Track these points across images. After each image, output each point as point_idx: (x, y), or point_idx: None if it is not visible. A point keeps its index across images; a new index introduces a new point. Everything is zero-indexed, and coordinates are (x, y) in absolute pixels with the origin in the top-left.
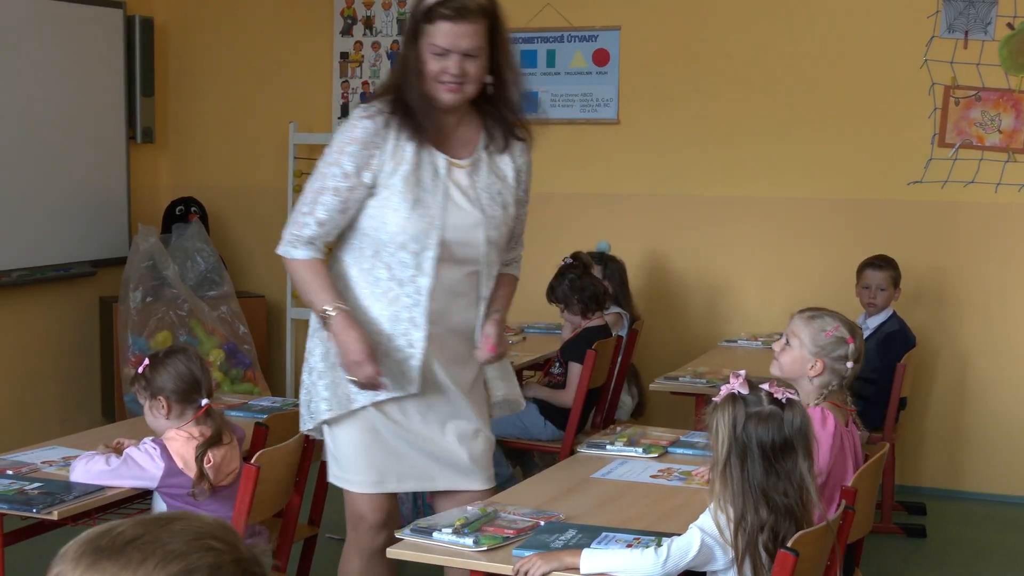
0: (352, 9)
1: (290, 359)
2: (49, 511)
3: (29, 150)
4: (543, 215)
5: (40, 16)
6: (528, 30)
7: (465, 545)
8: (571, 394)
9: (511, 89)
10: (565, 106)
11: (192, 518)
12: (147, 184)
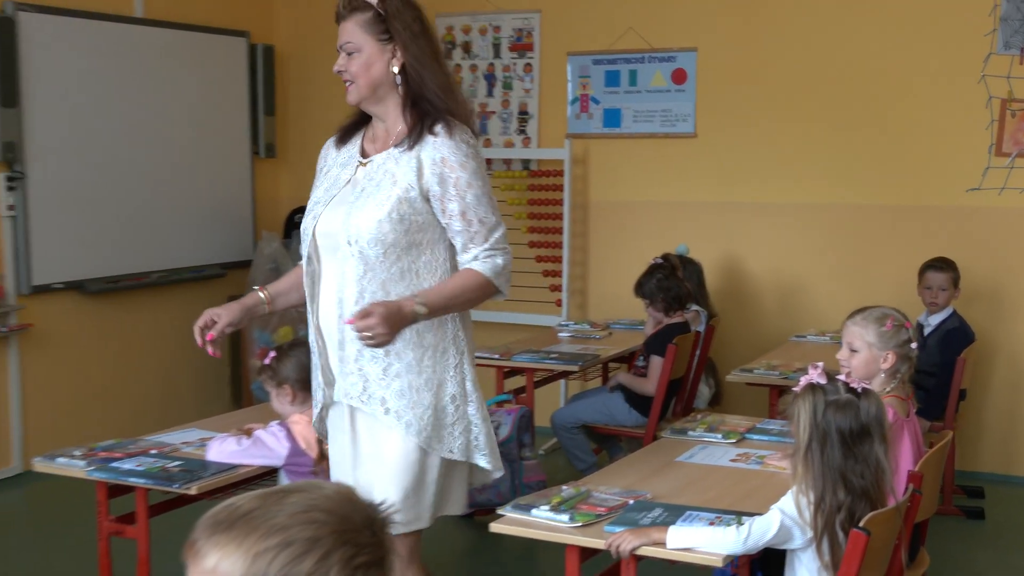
0: (452, 35)
1: None
2: (188, 486)
3: (166, 165)
4: (626, 221)
5: (175, 45)
6: (612, 52)
7: (561, 521)
8: (653, 384)
9: (421, 83)
10: (646, 121)
11: (311, 489)
12: (269, 195)
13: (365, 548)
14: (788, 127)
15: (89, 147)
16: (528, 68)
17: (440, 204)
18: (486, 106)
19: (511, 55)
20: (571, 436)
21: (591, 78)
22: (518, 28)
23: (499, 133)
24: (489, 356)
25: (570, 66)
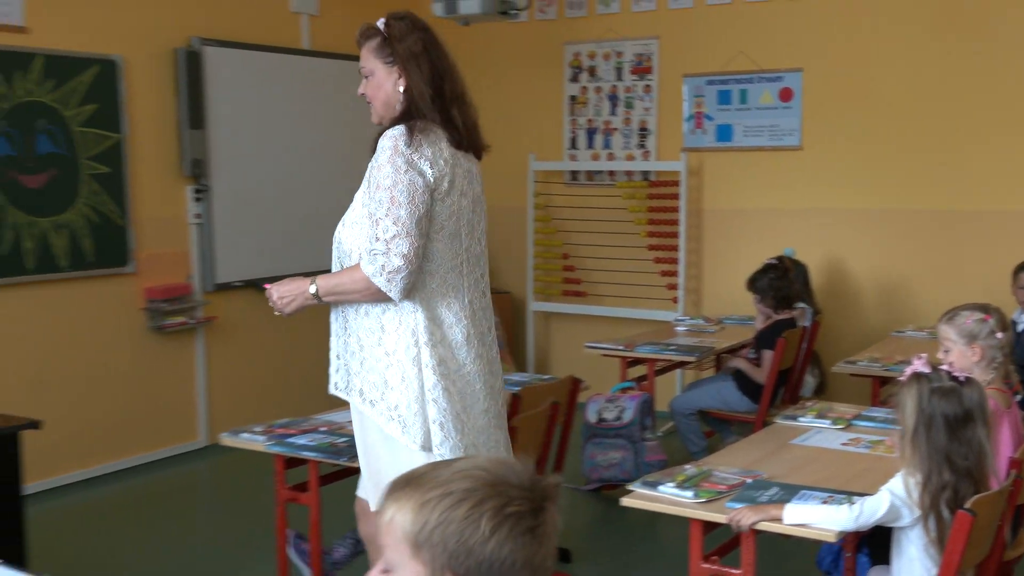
0: (579, 60)
1: (531, 343)
2: (353, 459)
3: (327, 177)
4: (737, 226)
5: (335, 73)
6: (724, 73)
7: (686, 497)
8: (764, 375)
9: (419, 100)
10: (755, 136)
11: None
12: None
13: (516, 500)
14: (887, 138)
15: (263, 162)
16: (647, 89)
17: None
18: (609, 123)
19: (632, 77)
20: (687, 421)
21: (705, 97)
22: (638, 53)
23: (621, 147)
24: (614, 347)
25: (686, 86)
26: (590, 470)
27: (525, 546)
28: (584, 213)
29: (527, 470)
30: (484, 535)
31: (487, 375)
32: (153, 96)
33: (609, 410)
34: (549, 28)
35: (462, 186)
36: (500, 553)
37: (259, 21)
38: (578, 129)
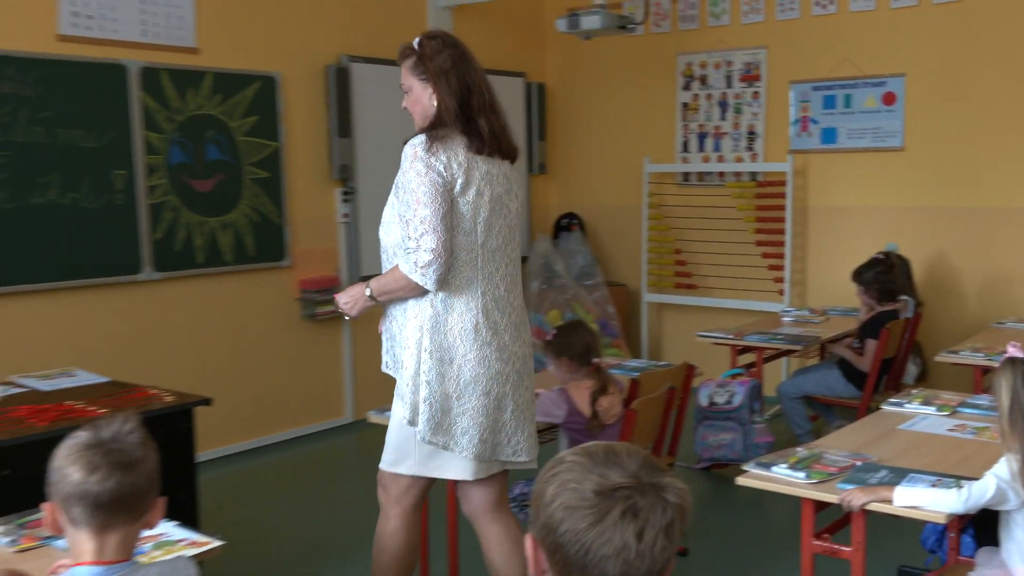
0: (691, 70)
1: (645, 331)
2: None
3: None
4: (841, 223)
5: None
6: (829, 79)
7: (798, 478)
8: (868, 363)
9: (444, 113)
10: (859, 138)
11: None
12: (542, 203)
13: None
14: (987, 139)
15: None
16: (756, 95)
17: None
18: (719, 128)
19: (741, 85)
20: (794, 405)
21: (810, 102)
22: (747, 62)
23: (730, 150)
24: (724, 336)
25: (792, 92)
26: (701, 450)
27: (577, 520)
28: (695, 211)
29: (641, 466)
30: (548, 500)
31: (497, 362)
32: (306, 108)
33: (720, 394)
34: (663, 40)
35: (478, 187)
36: (555, 520)
37: (400, 39)
38: (690, 133)
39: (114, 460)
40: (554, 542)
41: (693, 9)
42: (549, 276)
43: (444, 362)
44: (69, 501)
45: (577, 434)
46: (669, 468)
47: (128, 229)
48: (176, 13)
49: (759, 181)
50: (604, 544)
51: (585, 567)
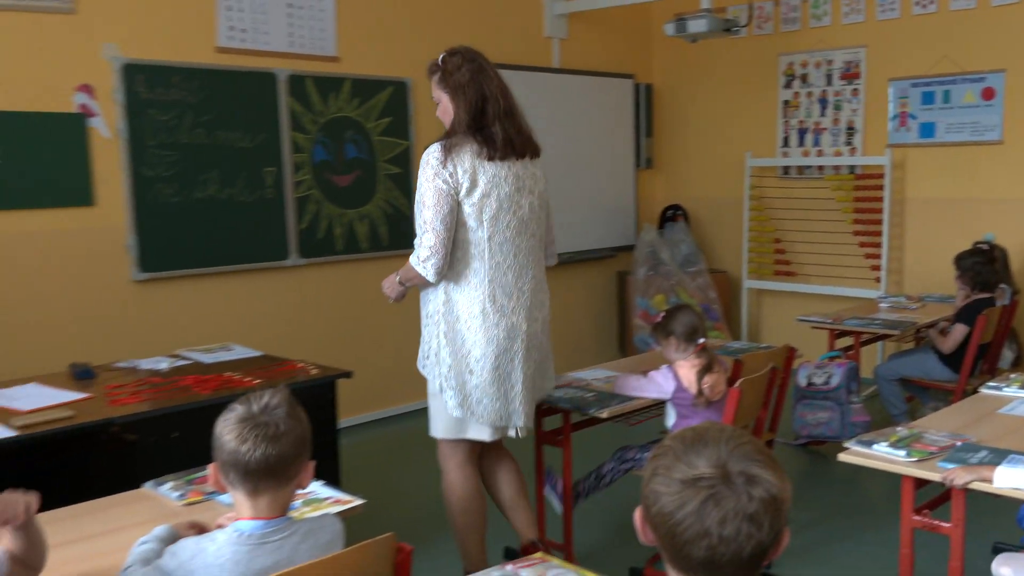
0: (792, 69)
1: (744, 315)
2: (600, 411)
3: (575, 173)
4: (937, 214)
5: (582, 86)
6: (928, 76)
7: (899, 456)
8: (950, 345)
9: (456, 124)
10: (957, 132)
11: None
12: (648, 196)
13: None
14: None
15: None
16: (855, 92)
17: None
18: (819, 124)
19: (841, 82)
20: (890, 386)
21: (909, 98)
22: (847, 61)
23: (829, 145)
24: (823, 321)
25: (891, 89)
26: (800, 427)
27: (667, 504)
28: (794, 203)
29: (728, 453)
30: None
31: (506, 340)
32: (433, 110)
33: (818, 375)
34: (766, 41)
35: (484, 189)
36: (650, 502)
37: (519, 45)
38: (790, 129)
39: (262, 433)
40: (651, 520)
41: (795, 12)
42: (655, 263)
43: (457, 343)
44: (226, 467)
45: (684, 409)
46: (769, 444)
47: (277, 220)
48: (319, 26)
49: (857, 174)
50: (687, 529)
51: (675, 547)
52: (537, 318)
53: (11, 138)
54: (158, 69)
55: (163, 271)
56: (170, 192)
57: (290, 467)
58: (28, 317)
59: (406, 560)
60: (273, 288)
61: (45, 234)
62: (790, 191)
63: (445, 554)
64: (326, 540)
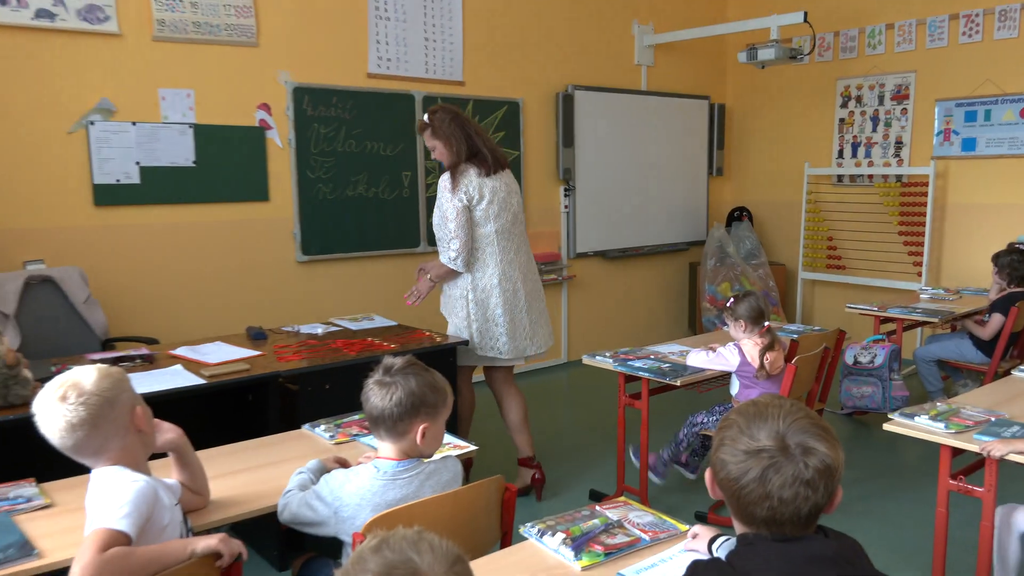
0: (848, 91)
1: (799, 302)
2: (675, 379)
3: (655, 179)
4: (976, 217)
5: (664, 106)
6: (971, 97)
7: (938, 428)
8: (989, 332)
9: (448, 158)
10: (996, 146)
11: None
12: (718, 199)
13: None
14: None
15: (611, 169)
16: (904, 111)
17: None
18: (871, 138)
19: (892, 103)
20: (928, 366)
21: (953, 117)
22: (898, 84)
23: (879, 157)
24: (869, 308)
25: (937, 108)
26: (845, 399)
27: (735, 470)
28: (846, 207)
29: (787, 426)
30: (717, 452)
31: (513, 297)
32: (540, 125)
33: (863, 355)
34: (826, 67)
35: (489, 197)
36: (719, 470)
37: (613, 71)
38: (845, 143)
39: (399, 393)
40: (719, 483)
41: (852, 41)
42: (722, 256)
43: (482, 306)
44: (370, 419)
45: (747, 380)
46: (819, 413)
47: (411, 214)
48: (449, 57)
49: (904, 182)
50: (750, 493)
51: (740, 506)
52: (532, 281)
53: (209, 146)
54: (320, 91)
55: (320, 254)
56: (327, 191)
57: (420, 419)
58: (216, 288)
59: (512, 498)
60: (407, 269)
61: (232, 223)
62: (843, 196)
63: (542, 490)
64: (447, 479)
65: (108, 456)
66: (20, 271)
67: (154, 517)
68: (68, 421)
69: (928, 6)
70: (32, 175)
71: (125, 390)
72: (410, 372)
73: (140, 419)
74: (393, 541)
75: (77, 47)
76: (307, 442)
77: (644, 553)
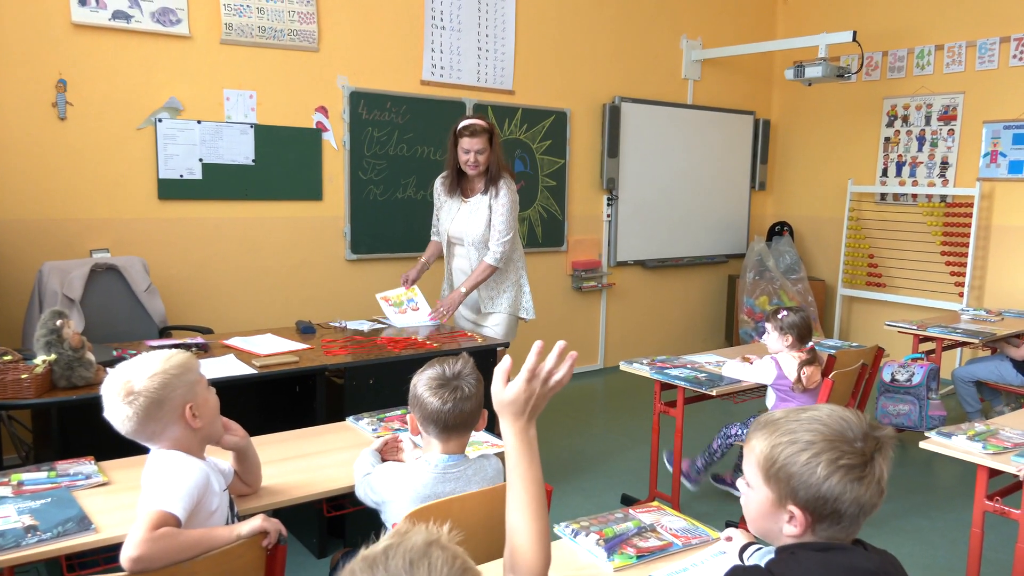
0: (895, 110)
1: (838, 317)
2: (711, 389)
3: (699, 192)
4: (1022, 240)
5: (710, 120)
6: (1020, 120)
7: (975, 449)
8: (1022, 353)
9: (496, 167)
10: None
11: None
12: (759, 213)
13: (847, 453)
14: None
15: (654, 180)
16: (951, 132)
17: (495, 222)
18: (916, 158)
19: (939, 123)
20: (966, 387)
21: (1000, 139)
22: (946, 104)
23: (924, 176)
24: (908, 327)
25: (985, 130)
26: (881, 416)
27: (853, 489)
28: (888, 225)
29: (862, 424)
30: (819, 478)
31: (528, 284)
32: (586, 135)
33: (901, 373)
34: (873, 86)
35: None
36: (832, 492)
37: (660, 85)
38: (889, 162)
39: (458, 395)
40: (830, 507)
41: (901, 61)
42: (761, 270)
43: (520, 296)
44: (427, 420)
45: (783, 393)
46: (886, 442)
47: None
48: (500, 66)
49: (948, 203)
50: (873, 495)
51: (858, 517)
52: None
53: (268, 145)
54: (376, 96)
55: (368, 253)
56: (378, 192)
57: (475, 419)
58: (269, 282)
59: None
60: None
61: (286, 220)
62: (885, 215)
63: (576, 491)
64: (492, 475)
65: (163, 444)
66: (87, 259)
67: (203, 502)
68: (119, 417)
69: (979, 28)
70: (102, 168)
71: (176, 388)
72: (472, 377)
73: (192, 416)
74: (394, 556)
75: (150, 48)
76: (351, 434)
77: (676, 557)
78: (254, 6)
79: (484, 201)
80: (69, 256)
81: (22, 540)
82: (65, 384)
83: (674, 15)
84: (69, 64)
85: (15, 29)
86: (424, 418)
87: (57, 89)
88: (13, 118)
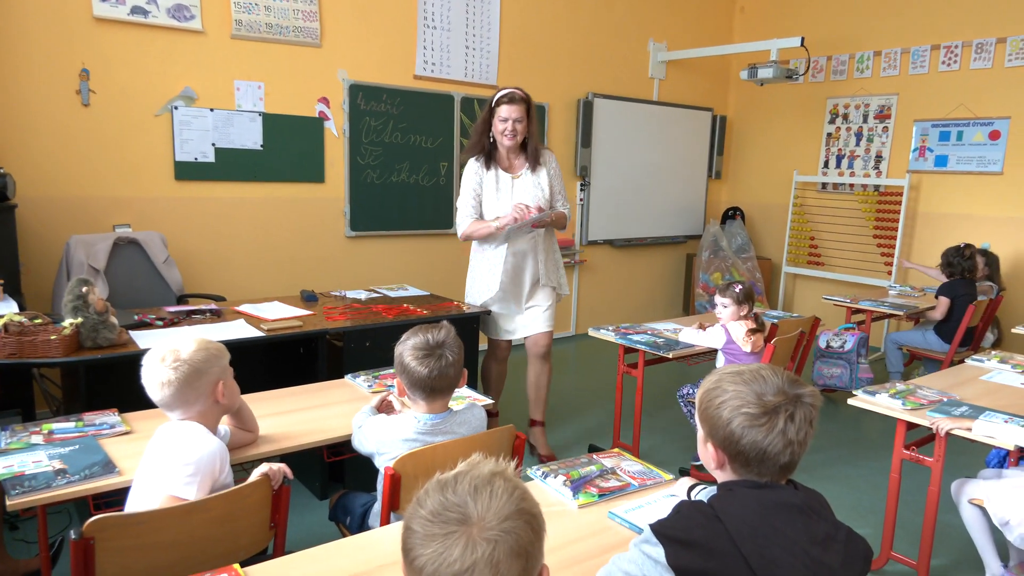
0: (836, 109)
1: (782, 292)
2: (668, 352)
3: (660, 181)
4: (945, 226)
5: (672, 116)
6: (946, 119)
7: (896, 404)
8: (939, 314)
9: (535, 139)
10: (966, 164)
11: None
12: (715, 199)
13: (751, 404)
14: None
15: (622, 169)
16: (885, 129)
17: (555, 187)
18: (854, 152)
19: (875, 121)
20: (894, 352)
21: (928, 135)
22: (881, 104)
23: (861, 168)
24: (842, 300)
25: (915, 128)
26: (817, 378)
27: (750, 434)
28: (828, 211)
29: (780, 382)
30: (724, 421)
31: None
32: (562, 127)
33: (835, 340)
34: (818, 87)
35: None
36: (733, 435)
37: (629, 83)
38: (830, 155)
39: (443, 363)
40: (734, 448)
41: (843, 65)
42: (715, 249)
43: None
44: (414, 386)
45: (732, 356)
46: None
47: (446, 199)
48: (486, 63)
49: (881, 192)
50: (774, 443)
51: (763, 461)
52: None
53: (275, 132)
54: (373, 89)
55: (366, 231)
56: (375, 176)
57: (456, 381)
58: (276, 256)
59: (521, 444)
60: (439, 247)
61: (291, 200)
62: (825, 202)
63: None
64: (476, 425)
65: (189, 415)
66: (110, 233)
67: (217, 477)
68: (160, 380)
69: (913, 37)
70: (124, 151)
71: (215, 364)
72: (454, 346)
73: (221, 393)
74: (462, 481)
75: (166, 41)
76: (349, 390)
77: (633, 496)
78: (262, 4)
79: (541, 172)
80: (94, 230)
81: (53, 482)
82: (91, 344)
83: (643, 20)
84: (91, 55)
85: (41, 22)
86: (411, 384)
87: (81, 78)
88: (41, 105)
